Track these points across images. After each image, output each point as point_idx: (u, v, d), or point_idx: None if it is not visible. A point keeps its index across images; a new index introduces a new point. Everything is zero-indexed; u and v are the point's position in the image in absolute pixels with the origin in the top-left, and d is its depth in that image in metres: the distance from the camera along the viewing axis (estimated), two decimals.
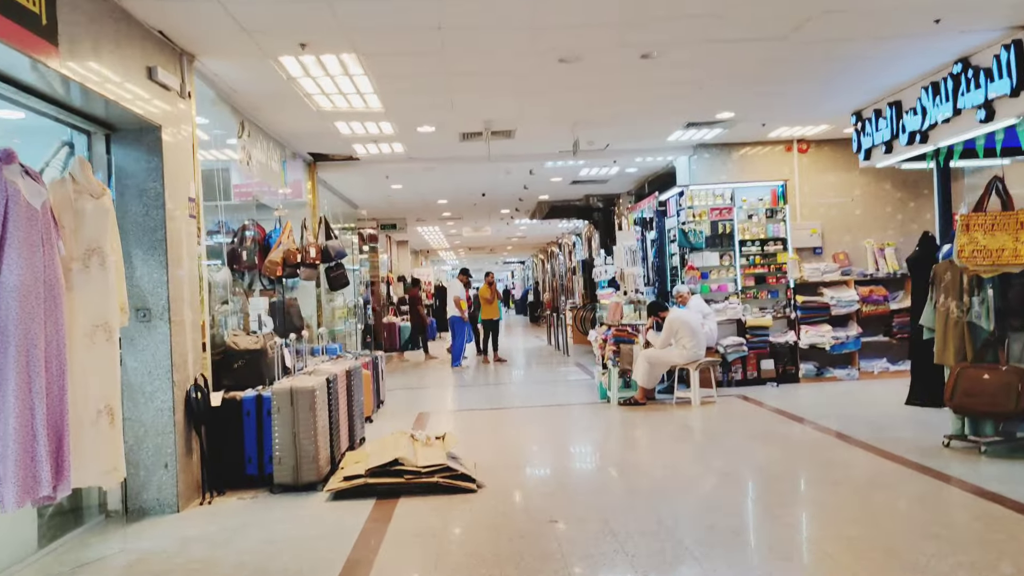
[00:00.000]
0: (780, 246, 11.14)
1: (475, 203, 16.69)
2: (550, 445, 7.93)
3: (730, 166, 11.41)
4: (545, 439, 8.23)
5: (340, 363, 8.02)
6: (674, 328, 9.55)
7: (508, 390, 12.17)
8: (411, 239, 26.79)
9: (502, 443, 7.94)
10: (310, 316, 10.85)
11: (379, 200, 15.69)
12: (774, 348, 10.93)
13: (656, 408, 9.50)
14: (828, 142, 11.32)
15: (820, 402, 9.55)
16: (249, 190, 10.13)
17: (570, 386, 12.04)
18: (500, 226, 22.12)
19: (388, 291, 22.94)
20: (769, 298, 11.22)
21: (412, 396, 11.83)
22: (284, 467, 6.10)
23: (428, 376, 14.58)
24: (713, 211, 11.14)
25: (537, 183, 14.35)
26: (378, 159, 11.20)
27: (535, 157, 11.61)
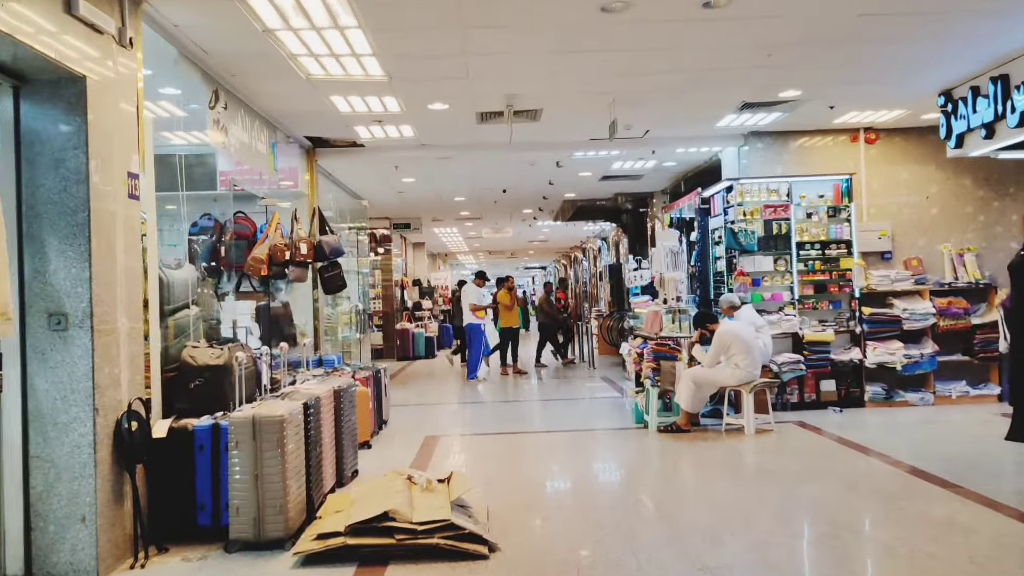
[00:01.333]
0: (844, 250, 9.69)
1: (496, 200, 15.36)
2: (581, 485, 6.53)
3: (786, 158, 9.99)
4: (574, 477, 6.84)
5: (329, 380, 6.69)
6: (725, 343, 8.15)
7: (528, 409, 10.80)
8: (428, 241, 25.53)
9: (522, 481, 6.57)
10: (305, 323, 9.55)
11: (390, 196, 14.40)
12: (836, 367, 9.47)
13: (702, 437, 8.09)
14: (899, 131, 9.87)
15: (894, 432, 8.10)
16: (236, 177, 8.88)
17: (598, 406, 10.65)
18: (522, 228, 20.78)
19: (402, 296, 21.66)
20: (830, 309, 9.77)
21: (421, 414, 10.49)
22: (243, 519, 4.77)
23: (441, 390, 13.24)
24: (767, 209, 9.72)
25: (564, 178, 12.99)
26: (385, 145, 9.89)
27: (563, 146, 10.25)
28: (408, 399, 11.99)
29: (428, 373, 16.10)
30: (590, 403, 10.94)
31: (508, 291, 15.04)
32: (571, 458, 7.46)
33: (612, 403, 10.67)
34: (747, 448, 7.61)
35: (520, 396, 12.00)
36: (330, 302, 10.17)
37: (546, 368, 15.62)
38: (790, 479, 6.32)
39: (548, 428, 9.02)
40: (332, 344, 12.19)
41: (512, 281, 15.30)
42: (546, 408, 10.76)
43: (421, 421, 9.84)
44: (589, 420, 9.52)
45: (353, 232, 14.97)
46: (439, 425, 9.57)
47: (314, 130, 9.07)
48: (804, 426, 8.55)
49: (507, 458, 7.58)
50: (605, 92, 7.70)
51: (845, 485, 6.13)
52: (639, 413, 8.92)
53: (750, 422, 8.11)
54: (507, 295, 14.97)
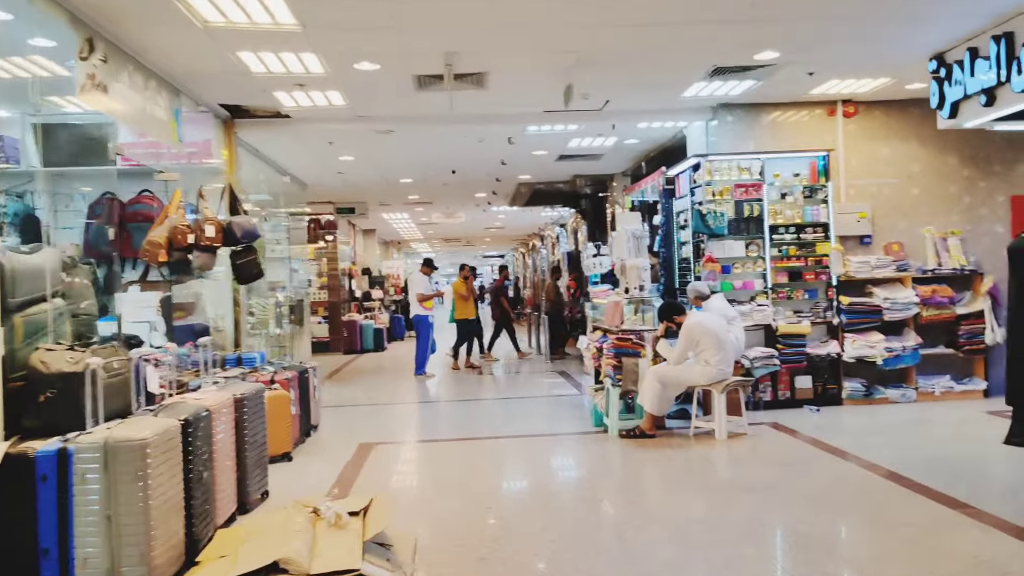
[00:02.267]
0: (820, 234, 8.87)
1: (445, 183, 14.31)
2: (531, 508, 5.55)
3: (759, 133, 9.12)
4: (523, 496, 5.88)
5: (231, 386, 5.64)
6: (694, 337, 7.26)
7: (478, 410, 9.82)
8: (378, 228, 24.38)
9: (462, 503, 5.59)
10: (220, 316, 8.45)
11: (330, 177, 13.27)
12: (812, 362, 8.66)
13: (668, 442, 7.20)
14: (880, 104, 9.06)
15: (877, 434, 7.30)
16: (135, 150, 7.73)
17: (555, 405, 9.71)
18: (476, 213, 19.75)
19: (350, 285, 20.52)
20: (806, 299, 8.95)
21: (359, 417, 9.46)
22: (92, 572, 3.72)
23: (386, 388, 12.20)
24: (737, 188, 8.85)
25: (517, 157, 12.01)
26: (314, 116, 8.80)
27: (515, 119, 9.25)
28: (347, 399, 10.94)
29: (375, 368, 15.05)
30: (546, 402, 10.01)
31: (464, 280, 14.01)
32: (521, 471, 6.51)
33: (570, 402, 9.75)
34: (718, 456, 6.74)
35: (470, 394, 11.03)
36: (245, 292, 9.05)
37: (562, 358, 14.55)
38: (765, 493, 5.45)
39: (498, 433, 8.05)
40: (264, 340, 11.09)
41: (468, 269, 14.28)
42: (497, 408, 9.80)
43: (357, 425, 8.81)
44: (544, 422, 8.58)
45: (292, 217, 13.83)
46: (377, 430, 8.55)
47: (229, 96, 7.95)
48: (779, 428, 7.71)
49: (448, 471, 6.59)
50: (560, 50, 6.71)
51: (825, 499, 5.29)
52: (598, 415, 8.01)
53: (721, 425, 7.24)
54: (463, 284, 13.94)
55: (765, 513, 5.09)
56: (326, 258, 18.80)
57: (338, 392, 11.61)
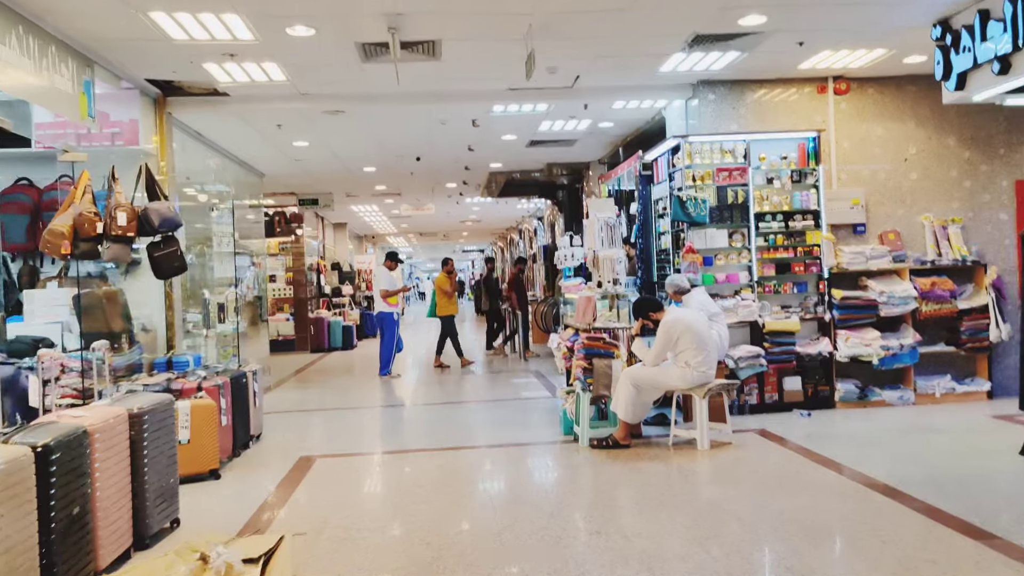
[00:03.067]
0: (810, 222, 8.14)
1: (412, 172, 13.49)
2: (480, 543, 4.75)
3: (743, 112, 8.37)
4: (474, 527, 5.07)
5: (128, 400, 4.82)
6: (673, 336, 6.51)
7: (440, 416, 9.03)
8: (349, 221, 23.49)
9: (400, 535, 4.79)
10: (148, 315, 7.60)
11: (287, 166, 12.41)
12: (802, 361, 7.94)
13: (645, 454, 6.45)
14: (874, 81, 8.34)
15: (874, 443, 6.59)
16: (45, 130, 6.90)
17: (525, 410, 8.94)
18: (448, 205, 18.92)
19: (319, 281, 19.64)
20: (795, 293, 8.23)
21: (309, 424, 8.65)
22: None
23: (345, 391, 11.38)
24: (720, 173, 8.10)
25: (485, 143, 11.21)
26: (253, 93, 7.97)
27: (476, 97, 8.44)
28: (300, 403, 10.13)
29: (341, 368, 14.23)
30: (515, 406, 9.23)
31: (448, 275, 13.17)
32: (477, 491, 5.71)
33: (542, 405, 8.99)
34: (699, 471, 5.98)
35: (433, 398, 10.23)
36: (179, 288, 8.20)
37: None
38: (750, 518, 4.69)
39: (458, 443, 7.26)
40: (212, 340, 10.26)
41: (452, 264, 13.45)
42: (461, 414, 9.01)
43: (305, 434, 8.00)
44: (510, 430, 7.79)
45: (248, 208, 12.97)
46: (324, 440, 7.75)
47: (154, 70, 7.09)
48: (767, 436, 6.99)
49: (392, 493, 5.79)
50: (519, 13, 5.91)
51: (820, 526, 4.55)
52: (568, 422, 7.25)
53: (703, 435, 6.49)
54: (447, 279, 13.10)
55: (750, 544, 4.33)
56: (291, 253, 17.94)
57: (293, 395, 10.80)
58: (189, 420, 6.04)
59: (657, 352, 6.57)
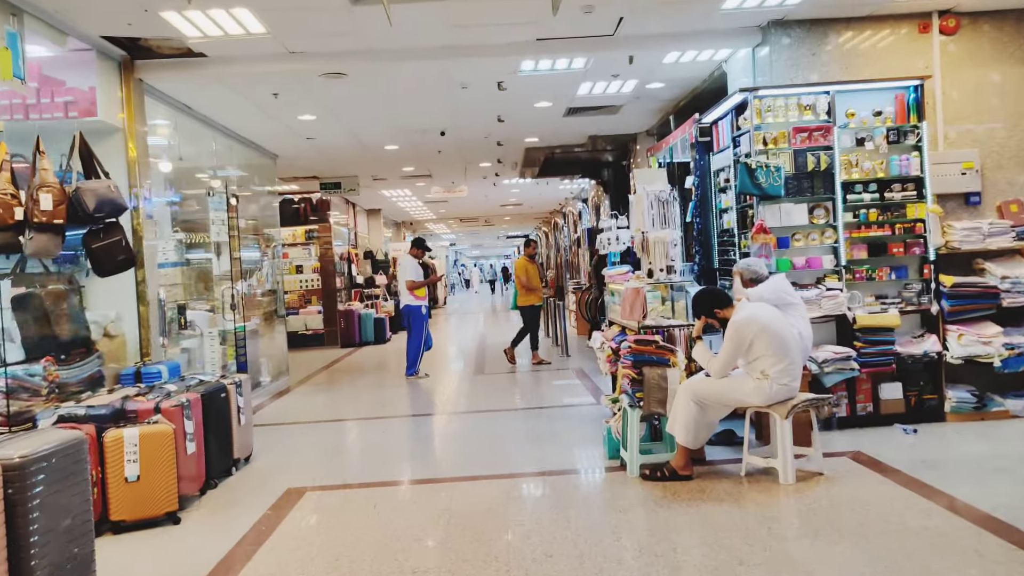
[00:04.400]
0: (912, 191, 6.61)
1: (439, 150, 12.19)
2: None
3: (825, 59, 6.86)
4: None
5: (18, 442, 3.61)
6: (746, 338, 5.10)
7: (466, 429, 7.73)
8: (384, 207, 22.34)
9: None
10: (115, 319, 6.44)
11: (301, 145, 11.22)
12: (903, 364, 6.44)
13: (711, 489, 5.05)
14: (991, 16, 6.76)
15: (1013, 472, 5.09)
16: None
17: (564, 421, 7.59)
18: (484, 188, 17.59)
19: (349, 271, 18.53)
20: (893, 279, 6.72)
21: (310, 440, 7.43)
22: None
23: (365, 395, 10.18)
24: (798, 134, 6.61)
25: (516, 114, 9.85)
26: (236, 54, 6.75)
27: (496, 51, 7.06)
28: (311, 410, 8.95)
29: (368, 365, 13.07)
30: (553, 417, 7.89)
31: (529, 259, 11.76)
32: (494, 553, 4.39)
33: (583, 416, 7.64)
34: (785, 518, 4.58)
35: (462, 404, 8.95)
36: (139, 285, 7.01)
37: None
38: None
39: (480, 470, 5.95)
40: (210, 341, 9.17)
41: (534, 247, 12.00)
42: (491, 426, 7.70)
43: (302, 454, 6.79)
44: (544, 451, 6.45)
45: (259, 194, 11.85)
46: (324, 462, 6.51)
47: (105, 22, 5.89)
48: (864, 462, 5.53)
49: (385, 550, 4.50)
50: None
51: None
52: (614, 443, 5.90)
53: (787, 465, 5.08)
54: (527, 265, 11.69)
55: None
56: (319, 242, 16.85)
57: (307, 400, 9.64)
58: (138, 452, 4.86)
59: (725, 359, 5.16)
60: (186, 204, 9.79)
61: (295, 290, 16.94)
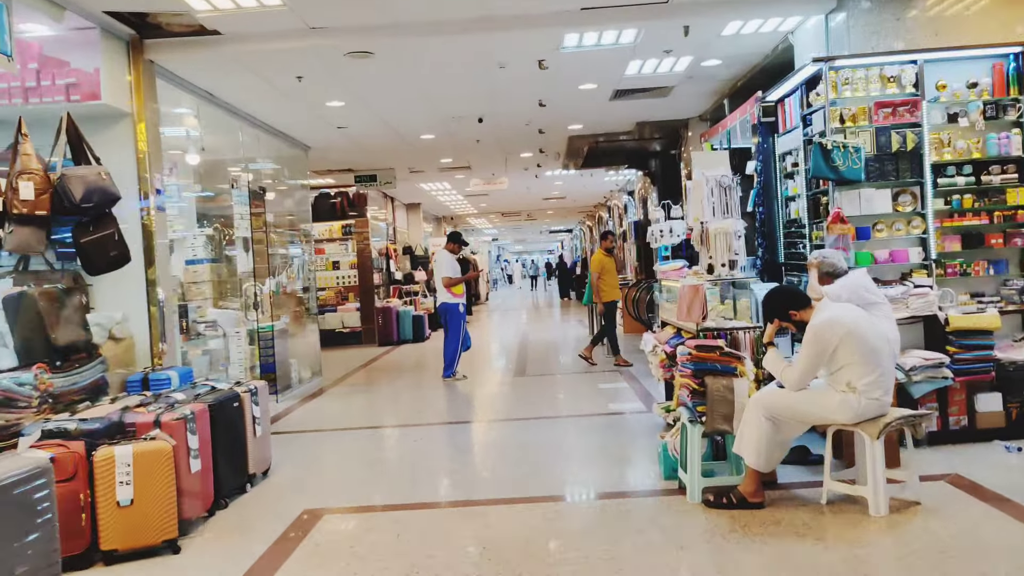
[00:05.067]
0: (1013, 174, 5.78)
1: (477, 139, 11.57)
2: None
3: (911, 24, 6.04)
4: None
5: None
6: (829, 344, 4.35)
7: (505, 439, 7.08)
8: (424, 201, 21.82)
9: None
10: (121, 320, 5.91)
11: (332, 135, 10.68)
12: (1004, 371, 5.61)
13: (787, 521, 4.32)
14: None
15: None
16: None
17: (612, 432, 6.90)
18: (526, 180, 16.92)
19: (388, 267, 18.02)
20: (991, 275, 5.89)
21: (337, 451, 6.85)
22: None
23: (400, 398, 9.61)
24: (880, 109, 5.82)
25: (559, 98, 9.16)
26: (252, 31, 6.22)
27: (535, 21, 6.36)
28: (343, 415, 8.41)
29: (405, 365, 12.52)
30: (600, 426, 7.19)
31: (607, 253, 11.02)
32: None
33: (633, 425, 6.95)
34: (880, 561, 3.83)
35: (502, 411, 8.31)
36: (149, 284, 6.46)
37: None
38: None
39: (517, 492, 5.28)
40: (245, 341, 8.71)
41: (612, 240, 11.17)
42: (532, 435, 7.03)
43: (329, 466, 6.21)
44: (590, 469, 5.77)
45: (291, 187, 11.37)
46: (349, 477, 5.92)
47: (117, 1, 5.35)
48: (964, 487, 4.75)
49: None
50: None
51: None
52: (670, 461, 5.20)
53: (879, 494, 4.32)
54: (604, 259, 10.89)
55: None
56: (356, 237, 16.34)
57: (338, 403, 9.10)
58: (131, 473, 4.30)
59: (804, 369, 4.42)
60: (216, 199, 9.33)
61: (332, 287, 16.49)
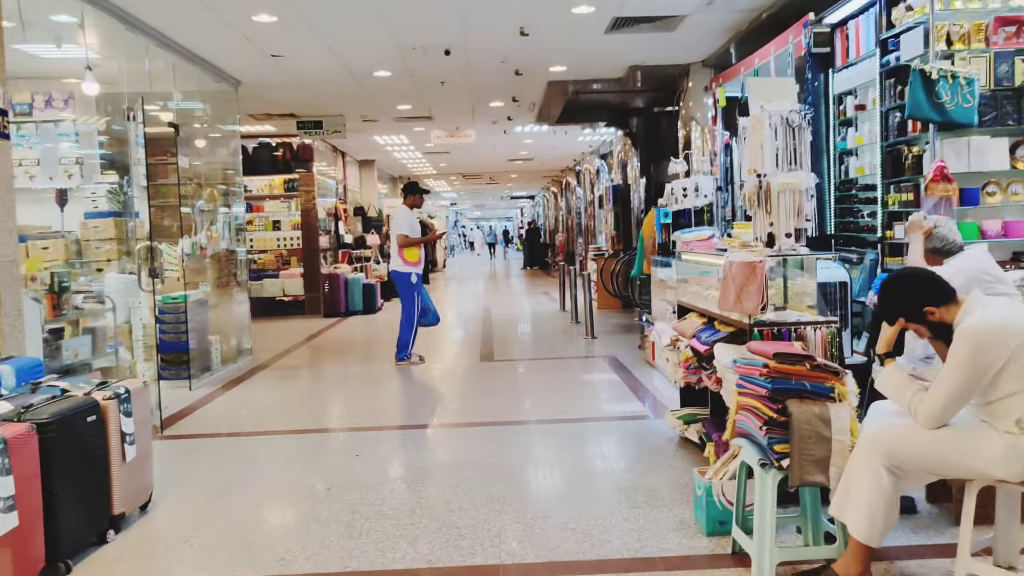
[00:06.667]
0: None
1: (442, 81, 9.80)
2: None
3: None
4: None
5: None
6: (992, 362, 2.80)
7: (467, 456, 5.45)
8: (379, 158, 19.93)
9: None
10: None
11: (267, 67, 8.82)
12: None
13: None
14: None
15: None
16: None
17: (611, 445, 5.34)
18: (494, 136, 15.17)
19: (336, 229, 16.18)
20: None
21: (243, 466, 5.15)
22: None
23: (337, 389, 7.94)
24: (1002, 26, 4.27)
25: (546, 25, 7.45)
26: None
27: None
28: (264, 413, 6.69)
29: (351, 342, 10.85)
30: (593, 436, 5.62)
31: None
32: None
33: (639, 437, 5.38)
34: None
35: (464, 411, 6.70)
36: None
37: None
38: None
39: (483, 557, 3.70)
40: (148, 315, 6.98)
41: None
42: (500, 453, 5.41)
43: (229, 497, 4.52)
44: (592, 509, 4.18)
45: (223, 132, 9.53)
46: (254, 519, 4.25)
47: None
48: None
49: None
50: None
51: None
52: (715, 512, 3.65)
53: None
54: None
55: None
56: (300, 193, 14.45)
57: (261, 396, 7.38)
58: None
59: (951, 396, 2.88)
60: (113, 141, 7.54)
61: (272, 249, 14.64)
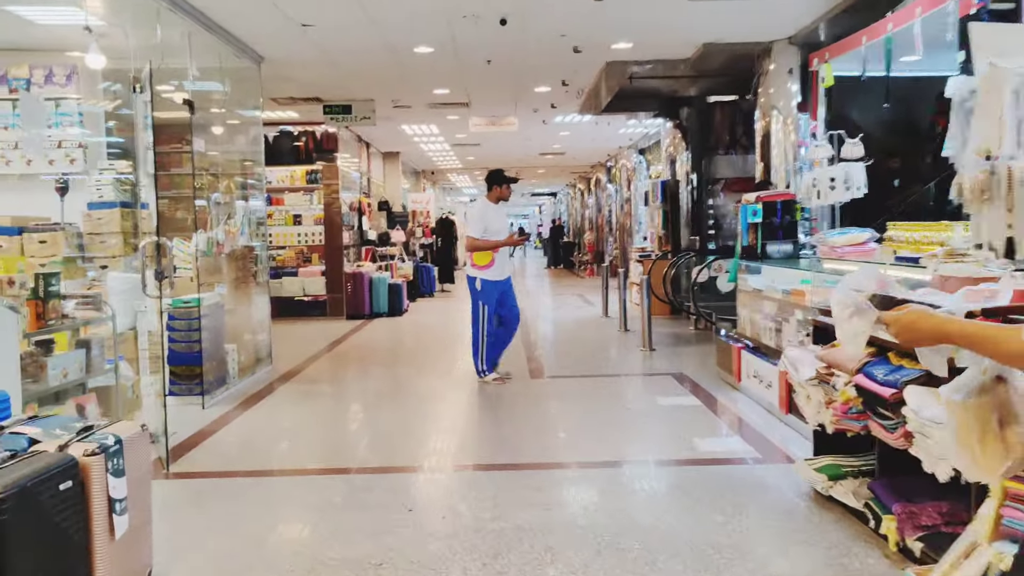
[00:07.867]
0: None
1: (488, 59, 8.72)
2: None
3: None
4: None
5: None
6: None
7: (547, 501, 4.35)
8: (404, 150, 18.87)
9: None
10: None
11: (294, 38, 7.75)
12: None
13: None
14: None
15: None
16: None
17: (718, 491, 4.20)
18: (533, 125, 14.05)
19: (360, 224, 15.12)
20: None
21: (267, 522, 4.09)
22: None
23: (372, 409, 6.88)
24: None
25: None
26: None
27: None
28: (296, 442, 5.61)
29: (379, 350, 9.79)
30: (697, 486, 4.50)
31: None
32: None
33: (759, 491, 4.24)
34: None
35: (524, 448, 5.62)
36: None
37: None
38: None
39: None
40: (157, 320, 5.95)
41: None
42: (594, 511, 4.32)
43: (253, 561, 3.45)
44: None
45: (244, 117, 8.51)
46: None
47: None
48: None
49: None
50: None
51: None
52: None
53: None
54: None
55: None
56: (322, 187, 13.39)
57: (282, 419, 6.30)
58: None
59: None
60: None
61: (292, 245, 13.60)
